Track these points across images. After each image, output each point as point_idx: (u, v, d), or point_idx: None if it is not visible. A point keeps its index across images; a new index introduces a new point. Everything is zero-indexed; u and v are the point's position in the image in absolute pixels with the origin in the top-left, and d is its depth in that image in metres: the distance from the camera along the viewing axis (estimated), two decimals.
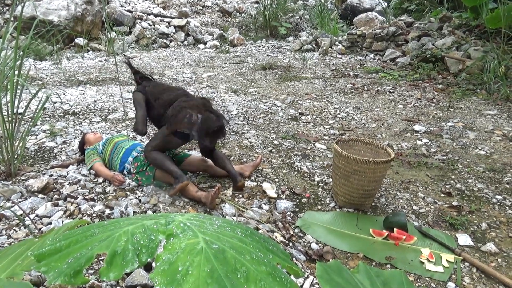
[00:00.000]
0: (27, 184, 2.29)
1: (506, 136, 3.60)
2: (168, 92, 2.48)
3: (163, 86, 2.59)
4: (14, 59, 2.32)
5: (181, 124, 2.27)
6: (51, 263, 0.62)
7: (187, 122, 2.26)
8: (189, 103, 2.33)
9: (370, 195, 2.35)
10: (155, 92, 2.49)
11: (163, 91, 2.50)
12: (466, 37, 6.01)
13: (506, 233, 2.21)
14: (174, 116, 2.29)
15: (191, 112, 2.28)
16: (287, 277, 0.63)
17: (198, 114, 2.29)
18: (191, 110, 2.29)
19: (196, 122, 2.26)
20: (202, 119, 2.28)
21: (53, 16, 6.84)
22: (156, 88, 2.53)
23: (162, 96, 2.45)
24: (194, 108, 2.31)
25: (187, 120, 2.26)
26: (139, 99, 2.49)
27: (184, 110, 2.28)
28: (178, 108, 2.30)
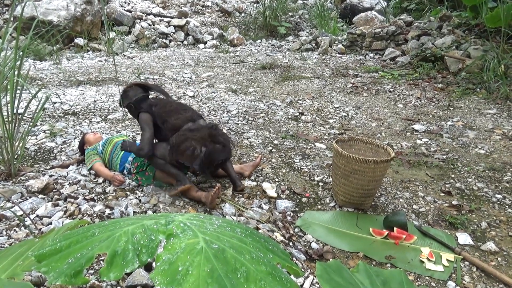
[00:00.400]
0: (27, 185, 2.29)
1: (506, 135, 3.60)
2: (176, 115, 2.34)
3: (170, 107, 2.40)
4: (14, 60, 2.32)
5: (183, 156, 2.20)
6: (52, 264, 0.62)
7: (190, 155, 2.18)
8: (194, 134, 2.23)
9: (370, 195, 2.36)
10: (162, 114, 2.35)
11: (171, 113, 2.35)
12: (466, 36, 6.01)
13: (506, 232, 2.21)
14: (177, 146, 2.21)
15: (195, 145, 2.19)
16: (287, 277, 0.63)
17: (203, 147, 2.20)
18: (196, 142, 2.20)
19: (198, 156, 2.18)
20: (206, 153, 2.20)
21: (52, 16, 6.84)
22: (164, 109, 2.37)
23: (170, 120, 2.32)
24: (199, 140, 2.21)
25: (190, 153, 2.18)
26: (146, 120, 2.34)
27: (188, 142, 2.19)
28: (182, 138, 2.21)
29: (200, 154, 2.19)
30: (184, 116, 2.35)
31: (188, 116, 2.35)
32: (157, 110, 2.36)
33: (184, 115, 2.35)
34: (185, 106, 2.48)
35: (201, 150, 2.20)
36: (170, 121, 2.32)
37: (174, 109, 2.38)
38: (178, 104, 2.46)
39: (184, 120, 2.33)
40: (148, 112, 2.37)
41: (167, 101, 2.46)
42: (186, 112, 2.39)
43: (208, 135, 2.26)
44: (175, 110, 2.38)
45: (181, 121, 2.32)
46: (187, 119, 2.33)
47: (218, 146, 2.28)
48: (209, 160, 2.23)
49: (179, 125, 2.30)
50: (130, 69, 5.89)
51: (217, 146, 2.28)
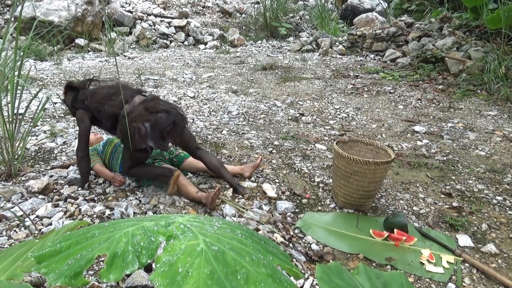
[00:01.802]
0: (28, 185, 2.29)
1: (507, 136, 3.60)
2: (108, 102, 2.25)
3: (101, 95, 2.31)
4: (14, 60, 2.32)
5: (135, 142, 2.13)
6: (51, 265, 0.62)
7: (139, 137, 2.11)
8: (131, 116, 2.13)
9: (370, 196, 2.35)
10: (95, 105, 2.28)
11: (103, 100, 2.27)
12: (467, 37, 6.01)
13: (506, 234, 2.21)
14: (124, 137, 2.14)
15: (137, 125, 2.10)
16: (287, 279, 0.63)
17: (145, 122, 2.12)
18: (137, 122, 2.11)
19: (146, 132, 2.11)
20: (150, 126, 2.12)
21: (53, 17, 6.85)
22: (94, 99, 2.30)
23: (103, 108, 2.26)
24: (138, 118, 2.13)
25: (138, 136, 2.11)
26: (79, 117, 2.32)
27: (130, 126, 2.09)
28: (124, 128, 2.11)
29: (147, 129, 2.11)
30: (117, 101, 2.23)
31: (120, 100, 2.22)
32: (89, 103, 2.29)
33: (116, 100, 2.23)
34: (116, 89, 2.34)
35: (145, 126, 2.11)
36: (104, 110, 2.24)
37: (105, 96, 2.29)
38: (110, 88, 2.35)
39: (118, 105, 2.22)
40: (82, 108, 2.32)
41: (96, 90, 2.36)
42: (118, 95, 2.25)
43: (144, 110, 2.16)
44: (106, 96, 2.28)
45: (115, 107, 2.22)
46: (120, 103, 2.21)
47: (160, 115, 2.17)
48: (158, 132, 2.15)
49: (114, 112, 2.22)
50: (130, 69, 5.89)
51: (159, 115, 2.17)
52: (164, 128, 2.18)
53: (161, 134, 2.17)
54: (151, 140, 2.13)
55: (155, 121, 2.14)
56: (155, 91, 4.80)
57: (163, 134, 2.18)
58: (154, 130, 2.13)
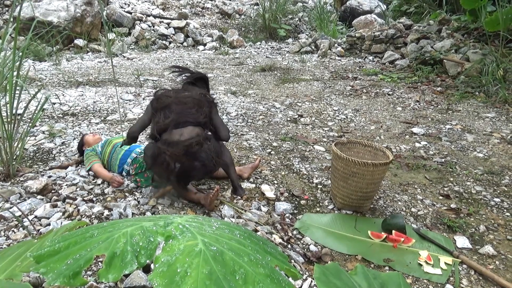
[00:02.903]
0: (26, 185, 2.29)
1: (504, 138, 3.61)
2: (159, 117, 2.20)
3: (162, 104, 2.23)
4: (13, 60, 2.32)
5: (158, 169, 2.12)
6: (50, 265, 0.62)
7: (164, 170, 2.08)
8: (169, 149, 2.06)
9: (368, 197, 2.36)
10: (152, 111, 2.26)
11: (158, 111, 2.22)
12: (465, 40, 6.03)
13: (504, 235, 2.21)
14: (152, 158, 2.12)
15: (168, 160, 2.05)
16: (285, 279, 0.63)
17: (177, 163, 2.07)
18: (169, 158, 2.05)
19: (173, 171, 2.08)
20: (180, 169, 2.08)
21: (52, 17, 6.84)
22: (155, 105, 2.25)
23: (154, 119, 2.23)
24: (172, 156, 2.05)
25: (164, 168, 2.07)
26: (147, 109, 2.32)
27: (161, 156, 2.06)
28: (156, 152, 2.09)
29: (175, 170, 2.07)
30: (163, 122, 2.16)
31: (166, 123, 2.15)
32: (153, 103, 2.27)
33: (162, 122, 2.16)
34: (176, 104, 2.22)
35: (175, 166, 2.07)
36: (154, 120, 2.22)
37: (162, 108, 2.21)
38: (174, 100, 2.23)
39: (163, 126, 2.16)
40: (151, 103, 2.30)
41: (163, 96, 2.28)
42: (168, 115, 2.17)
43: (183, 152, 2.07)
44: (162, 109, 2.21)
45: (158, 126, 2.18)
46: (165, 125, 2.16)
47: (196, 163, 2.10)
48: (184, 176, 2.14)
49: (159, 129, 2.18)
50: (129, 70, 5.89)
51: (195, 163, 2.09)
52: (191, 177, 2.20)
53: (185, 180, 2.19)
54: (173, 180, 2.14)
55: (187, 168, 2.09)
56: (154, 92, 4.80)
57: (188, 180, 2.22)
58: (181, 174, 2.11)
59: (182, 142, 2.09)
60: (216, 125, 2.36)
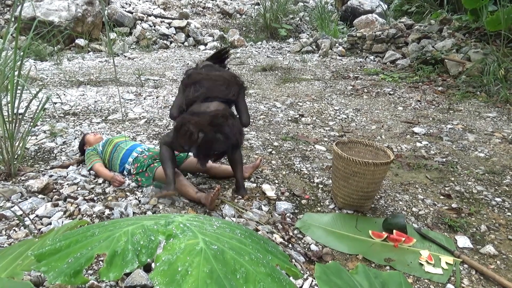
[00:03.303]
0: (27, 185, 2.29)
1: (506, 138, 3.61)
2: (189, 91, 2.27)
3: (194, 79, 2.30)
4: (14, 60, 2.33)
5: (182, 139, 2.16)
6: (51, 263, 0.62)
7: (187, 140, 2.12)
8: (194, 118, 2.13)
9: (369, 197, 2.36)
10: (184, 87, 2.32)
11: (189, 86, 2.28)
12: (466, 39, 6.02)
13: (505, 235, 2.21)
14: (177, 128, 2.17)
15: (192, 129, 2.09)
16: (286, 278, 0.63)
17: (200, 133, 2.10)
18: (194, 127, 2.10)
19: (196, 141, 2.10)
20: (202, 140, 2.10)
21: (53, 17, 6.85)
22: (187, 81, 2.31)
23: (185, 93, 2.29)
24: (197, 125, 2.10)
25: (187, 137, 2.11)
26: (180, 88, 2.39)
27: (185, 126, 2.12)
28: (182, 121, 2.16)
29: (198, 139, 2.09)
30: (193, 95, 2.23)
31: (196, 95, 2.22)
32: (185, 80, 2.34)
33: (192, 95, 2.23)
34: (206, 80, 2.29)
35: (199, 135, 2.09)
36: (185, 95, 2.29)
37: (192, 83, 2.28)
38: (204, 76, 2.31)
39: (190, 100, 2.24)
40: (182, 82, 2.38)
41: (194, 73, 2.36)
42: (198, 89, 2.24)
43: (208, 123, 2.12)
44: (193, 84, 2.27)
45: (187, 100, 2.26)
46: (192, 100, 2.23)
47: (218, 135, 2.13)
48: (206, 148, 2.15)
49: (188, 102, 2.25)
50: (130, 70, 5.90)
51: (218, 135, 2.13)
52: (213, 150, 2.20)
53: (206, 152, 2.20)
54: (195, 150, 2.17)
55: (210, 139, 2.12)
56: (155, 91, 4.80)
57: (209, 153, 2.21)
58: (204, 145, 2.13)
59: (208, 112, 2.17)
60: (241, 108, 2.41)
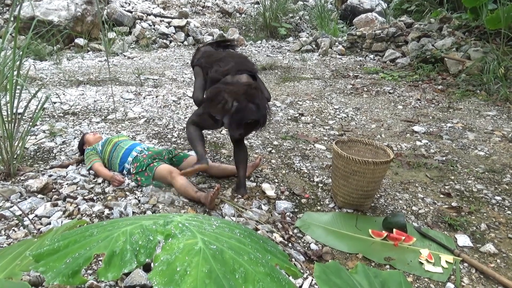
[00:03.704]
0: (26, 184, 2.29)
1: (506, 137, 3.61)
2: (216, 67, 2.30)
3: (214, 58, 2.36)
4: (13, 59, 2.32)
5: (215, 109, 2.18)
6: (50, 263, 0.62)
7: (221, 109, 2.15)
8: (229, 87, 2.18)
9: (369, 196, 2.36)
10: (206, 66, 2.34)
11: (212, 64, 2.33)
12: (466, 38, 6.02)
13: (505, 234, 2.21)
14: (210, 98, 2.21)
15: (227, 98, 2.13)
16: (285, 278, 0.63)
17: (235, 101, 2.14)
18: (228, 95, 2.14)
19: (229, 110, 2.13)
20: (236, 108, 2.13)
21: (53, 16, 6.84)
22: (207, 60, 2.36)
23: (210, 72, 2.31)
24: (232, 94, 2.15)
25: (221, 106, 2.14)
26: (196, 71, 2.41)
27: (220, 95, 2.16)
28: (216, 91, 2.19)
29: (231, 108, 2.13)
30: (223, 68, 2.28)
31: (226, 69, 2.27)
32: (203, 62, 2.37)
33: (223, 68, 2.28)
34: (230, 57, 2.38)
35: (233, 104, 2.13)
36: (210, 73, 2.31)
37: (216, 60, 2.34)
38: (226, 55, 2.40)
39: (221, 73, 2.27)
40: (198, 65, 2.41)
41: (214, 52, 2.42)
42: (227, 64, 2.30)
43: (243, 92, 2.17)
44: (217, 61, 2.33)
45: (218, 74, 2.28)
46: (223, 72, 2.27)
47: (251, 105, 2.17)
48: (239, 117, 2.16)
49: (216, 78, 2.27)
50: (130, 69, 5.89)
51: (250, 105, 2.17)
52: (246, 119, 2.20)
53: (240, 121, 2.19)
54: (227, 119, 2.17)
55: (244, 108, 2.16)
56: (155, 91, 4.80)
57: (241, 122, 2.20)
58: (237, 114, 2.15)
59: (242, 83, 2.23)
60: (260, 84, 2.44)
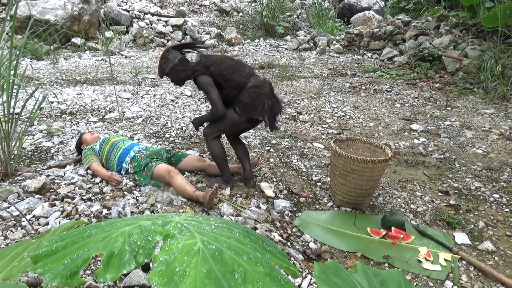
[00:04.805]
0: (24, 185, 2.28)
1: (503, 134, 3.61)
2: (238, 72, 2.42)
3: (228, 64, 2.45)
4: (9, 59, 2.31)
5: (257, 112, 2.37)
6: (48, 265, 0.61)
7: (262, 110, 2.35)
8: (262, 90, 2.37)
9: (367, 194, 2.36)
10: (223, 73, 2.41)
11: (231, 70, 2.42)
12: (463, 36, 6.03)
13: (503, 231, 2.22)
14: (251, 103, 2.34)
15: (264, 99, 2.35)
16: (284, 278, 0.63)
17: (268, 100, 2.37)
18: (265, 97, 2.35)
19: (268, 109, 2.37)
20: (271, 105, 2.38)
21: (50, 16, 6.81)
22: (222, 67, 2.43)
23: (233, 77, 2.40)
24: (266, 95, 2.37)
25: (262, 108, 2.34)
26: (208, 82, 2.41)
27: (259, 98, 2.34)
28: (254, 96, 2.34)
29: (268, 107, 2.37)
30: (246, 72, 2.43)
31: (248, 72, 2.45)
32: (215, 69, 2.41)
33: (245, 72, 2.44)
34: (239, 62, 2.56)
35: (268, 103, 2.36)
36: (234, 78, 2.39)
37: (232, 66, 2.45)
38: (231, 60, 2.53)
39: (246, 76, 2.42)
40: (206, 74, 2.42)
41: (221, 59, 2.50)
42: (245, 68, 2.47)
43: (270, 90, 2.41)
44: (234, 66, 2.45)
45: (244, 78, 2.41)
46: (248, 75, 2.43)
47: (275, 100, 2.43)
48: (274, 112, 2.42)
49: (243, 82, 2.39)
50: (127, 68, 5.87)
51: (276, 100, 2.45)
52: (278, 112, 2.46)
53: (274, 115, 2.44)
54: (267, 116, 2.40)
55: (275, 104, 2.42)
56: (152, 90, 4.79)
57: (275, 116, 2.45)
58: (271, 110, 2.40)
59: (264, 82, 2.44)
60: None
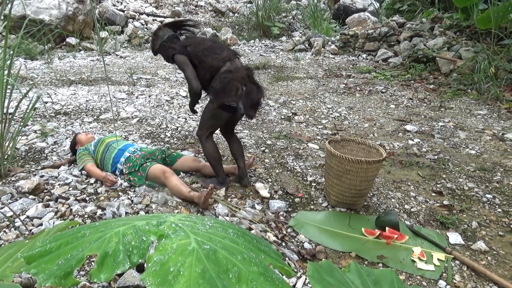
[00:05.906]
0: (18, 185, 2.26)
1: (496, 135, 3.65)
2: (213, 55, 2.35)
3: (205, 46, 2.39)
4: (3, 59, 2.29)
5: (229, 98, 2.26)
6: (41, 265, 0.61)
7: (234, 95, 2.25)
8: (236, 75, 2.29)
9: (362, 195, 2.37)
10: (198, 54, 2.36)
11: (206, 52, 2.36)
12: (457, 37, 6.07)
13: (496, 231, 2.24)
14: (223, 89, 2.26)
15: (237, 84, 2.25)
16: (278, 277, 0.63)
17: (243, 86, 2.27)
18: (238, 82, 2.26)
19: (242, 94, 2.27)
20: (246, 91, 2.28)
21: (44, 15, 6.77)
22: (199, 49, 2.38)
23: (207, 59, 2.34)
24: (240, 80, 2.27)
25: (234, 93, 2.24)
26: (183, 60, 2.37)
27: (231, 83, 2.25)
28: (226, 81, 2.26)
29: (243, 93, 2.26)
30: (221, 56, 2.36)
31: (225, 56, 2.36)
32: (192, 50, 2.37)
33: (221, 55, 2.36)
34: (219, 45, 2.47)
35: (242, 89, 2.26)
36: (208, 60, 2.33)
37: (209, 48, 2.38)
38: (212, 42, 2.46)
39: (221, 61, 2.34)
40: (183, 54, 2.38)
41: (200, 40, 2.45)
42: (222, 51, 2.38)
43: (247, 75, 2.32)
44: (211, 49, 2.38)
45: (218, 61, 2.33)
46: (224, 59, 2.35)
47: (256, 87, 2.33)
48: (250, 98, 2.30)
49: (217, 66, 2.32)
50: (122, 68, 5.85)
51: (255, 87, 2.33)
52: (256, 99, 2.33)
53: (251, 102, 2.32)
54: (241, 102, 2.29)
55: (251, 90, 2.30)
56: (147, 90, 4.77)
57: (253, 103, 2.33)
58: (247, 97, 2.28)
59: (242, 67, 2.36)
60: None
